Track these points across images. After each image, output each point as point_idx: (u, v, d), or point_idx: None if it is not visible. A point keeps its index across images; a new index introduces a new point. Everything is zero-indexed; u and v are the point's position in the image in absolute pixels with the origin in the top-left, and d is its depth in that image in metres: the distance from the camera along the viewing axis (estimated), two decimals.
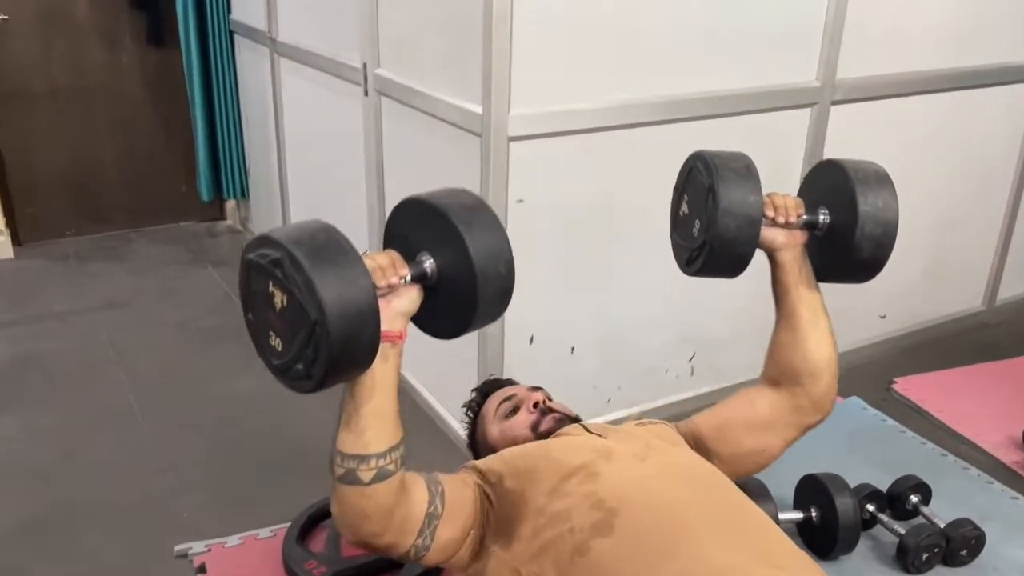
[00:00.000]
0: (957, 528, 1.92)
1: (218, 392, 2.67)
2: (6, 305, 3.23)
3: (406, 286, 1.28)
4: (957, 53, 2.71)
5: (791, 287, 1.60)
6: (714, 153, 1.55)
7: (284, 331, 1.17)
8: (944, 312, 3.13)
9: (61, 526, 2.06)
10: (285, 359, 1.19)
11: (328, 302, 1.10)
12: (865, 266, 1.56)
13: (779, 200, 1.57)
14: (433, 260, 1.28)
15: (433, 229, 1.28)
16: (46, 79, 3.65)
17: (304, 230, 1.17)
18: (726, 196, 1.47)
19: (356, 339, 1.14)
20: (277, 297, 1.16)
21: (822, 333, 1.61)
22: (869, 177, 1.54)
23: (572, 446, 1.48)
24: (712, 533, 1.29)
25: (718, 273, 1.57)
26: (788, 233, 1.58)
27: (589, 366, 2.37)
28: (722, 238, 1.48)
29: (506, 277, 1.29)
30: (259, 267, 1.17)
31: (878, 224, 1.51)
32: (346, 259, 1.15)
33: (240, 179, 3.90)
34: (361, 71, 2.55)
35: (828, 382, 1.62)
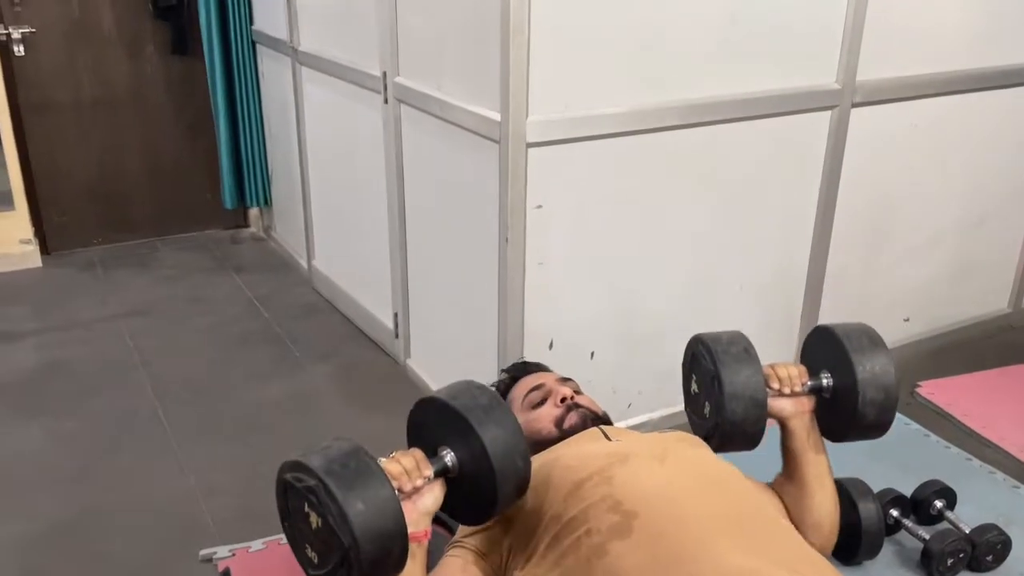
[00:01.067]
0: (983, 533, 1.90)
1: (243, 398, 2.70)
2: (34, 313, 3.29)
3: (429, 483, 1.36)
4: (978, 53, 2.68)
5: (799, 452, 1.66)
6: (713, 337, 1.64)
7: (319, 547, 1.26)
8: (969, 315, 3.10)
9: (87, 530, 2.09)
10: (321, 572, 1.27)
11: (360, 532, 1.19)
12: (872, 427, 1.64)
13: (782, 371, 1.63)
14: (454, 454, 1.37)
15: (453, 426, 1.37)
16: (73, 90, 3.71)
17: (336, 459, 1.24)
18: (730, 383, 1.56)
19: (386, 558, 1.23)
20: (312, 518, 1.24)
21: (826, 494, 1.67)
22: (863, 343, 1.61)
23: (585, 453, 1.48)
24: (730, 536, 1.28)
25: (737, 449, 1.64)
26: (795, 401, 1.64)
27: (609, 371, 2.37)
28: (732, 422, 1.57)
29: (523, 469, 1.38)
30: (295, 489, 1.26)
31: (878, 389, 1.58)
32: (375, 484, 1.23)
33: (263, 187, 3.94)
34: (381, 79, 2.58)
35: (828, 534, 1.69)
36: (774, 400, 1.62)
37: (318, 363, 2.91)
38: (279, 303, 3.38)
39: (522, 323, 2.18)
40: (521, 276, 2.13)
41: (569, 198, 2.14)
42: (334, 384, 2.79)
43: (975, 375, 2.81)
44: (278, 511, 1.33)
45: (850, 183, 2.58)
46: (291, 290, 3.51)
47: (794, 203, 2.53)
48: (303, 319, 3.25)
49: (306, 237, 3.52)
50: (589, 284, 2.26)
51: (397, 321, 2.84)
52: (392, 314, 2.86)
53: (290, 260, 3.78)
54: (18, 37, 3.52)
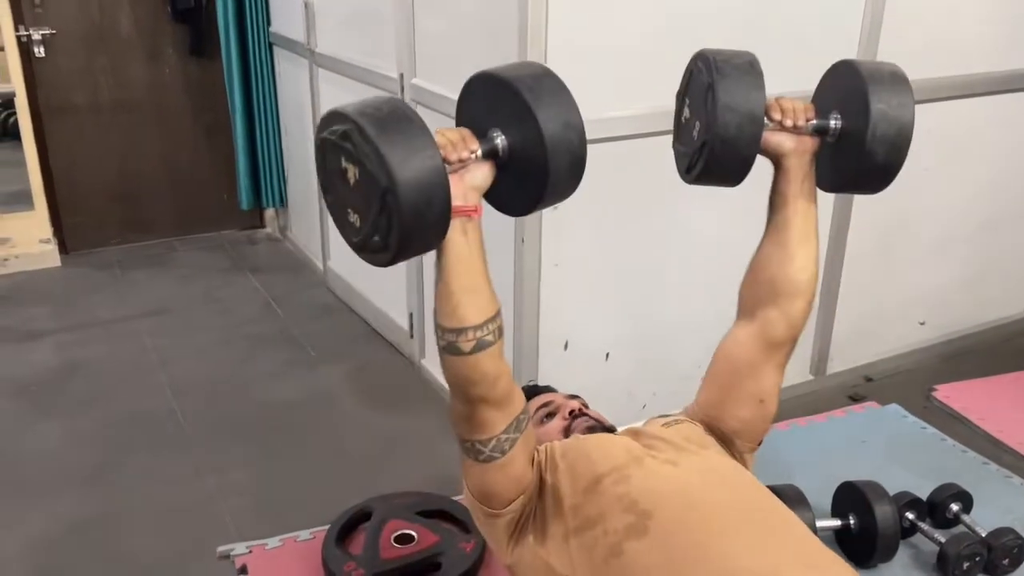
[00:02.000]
0: (999, 537, 1.89)
1: (259, 398, 2.72)
2: (53, 312, 3.32)
3: (477, 162, 1.27)
4: (995, 56, 2.67)
5: (791, 198, 1.53)
6: (716, 50, 1.47)
7: (360, 205, 1.19)
8: (985, 319, 3.09)
9: (106, 528, 2.12)
10: (363, 233, 1.21)
11: (396, 168, 1.12)
12: (878, 171, 1.46)
13: (787, 103, 1.49)
14: (504, 136, 1.28)
15: (502, 104, 1.27)
16: (92, 92, 3.75)
17: (370, 103, 1.18)
18: (726, 92, 1.38)
19: (427, 206, 1.15)
20: (350, 171, 1.18)
21: (810, 252, 1.55)
22: (884, 76, 1.44)
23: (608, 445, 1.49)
24: (745, 536, 1.29)
25: (719, 179, 1.48)
26: (797, 138, 1.50)
27: (624, 372, 2.37)
28: (722, 137, 1.39)
29: (578, 146, 1.27)
30: (331, 144, 1.20)
31: (892, 124, 1.41)
32: (412, 128, 1.16)
33: (279, 188, 3.96)
34: (398, 81, 2.59)
35: (806, 304, 1.56)
36: (774, 133, 1.48)
37: (333, 363, 2.93)
38: (295, 303, 3.40)
39: (537, 324, 2.19)
40: (537, 277, 2.14)
41: (585, 200, 2.14)
42: (349, 384, 2.80)
43: (991, 379, 2.80)
44: (319, 186, 1.27)
45: None
46: (307, 290, 3.53)
47: None
48: (318, 319, 3.27)
49: (322, 238, 3.54)
50: (604, 286, 2.26)
51: (412, 321, 2.85)
52: (407, 314, 2.87)
53: (306, 261, 3.81)
54: (38, 39, 3.56)
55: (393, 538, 1.96)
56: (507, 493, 1.42)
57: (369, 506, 2.06)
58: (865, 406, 2.65)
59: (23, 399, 2.71)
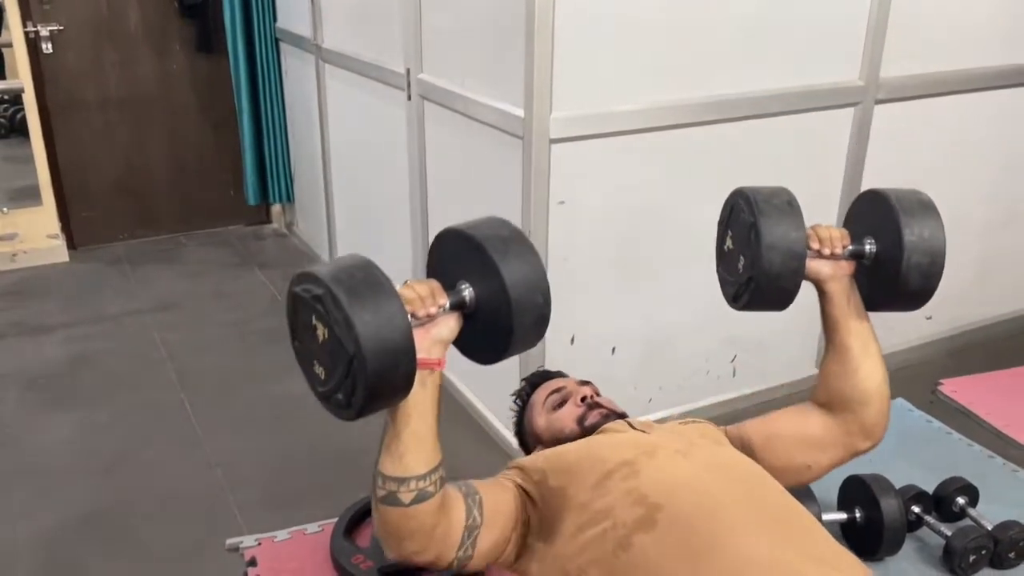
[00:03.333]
0: (1005, 530, 1.90)
1: (268, 391, 2.73)
2: (62, 307, 3.34)
3: (445, 314, 1.33)
4: (1004, 50, 2.67)
5: (840, 319, 1.60)
6: (756, 189, 1.58)
7: (326, 361, 1.24)
8: (992, 313, 3.08)
9: (117, 520, 2.13)
10: (327, 387, 1.26)
11: (364, 339, 1.16)
12: (914, 296, 1.57)
13: (823, 232, 1.57)
14: (472, 289, 1.33)
15: (472, 260, 1.33)
16: (99, 88, 3.76)
17: (344, 268, 1.23)
18: (769, 232, 1.50)
19: (392, 372, 1.20)
20: (319, 330, 1.22)
21: (873, 362, 1.61)
22: (914, 206, 1.53)
23: (615, 443, 1.50)
24: (755, 529, 1.29)
25: (765, 307, 1.58)
26: (834, 264, 1.58)
27: (630, 366, 2.38)
28: (767, 273, 1.50)
29: (542, 306, 1.34)
30: (303, 301, 1.24)
31: (925, 254, 1.51)
32: (383, 296, 1.21)
33: (286, 183, 3.97)
34: (404, 76, 2.60)
35: (879, 408, 1.61)
36: (812, 261, 1.56)
37: None
38: None
39: None
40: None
41: (592, 194, 2.15)
42: None
43: (998, 373, 2.80)
44: (288, 328, 1.31)
45: (873, 181, 2.57)
46: None
47: (816, 200, 2.51)
48: None
49: (328, 233, 3.55)
50: (611, 280, 2.27)
51: None
52: None
53: (312, 256, 3.82)
54: (46, 35, 3.57)
55: None
56: (496, 555, 1.46)
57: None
58: None
59: (33, 392, 2.73)
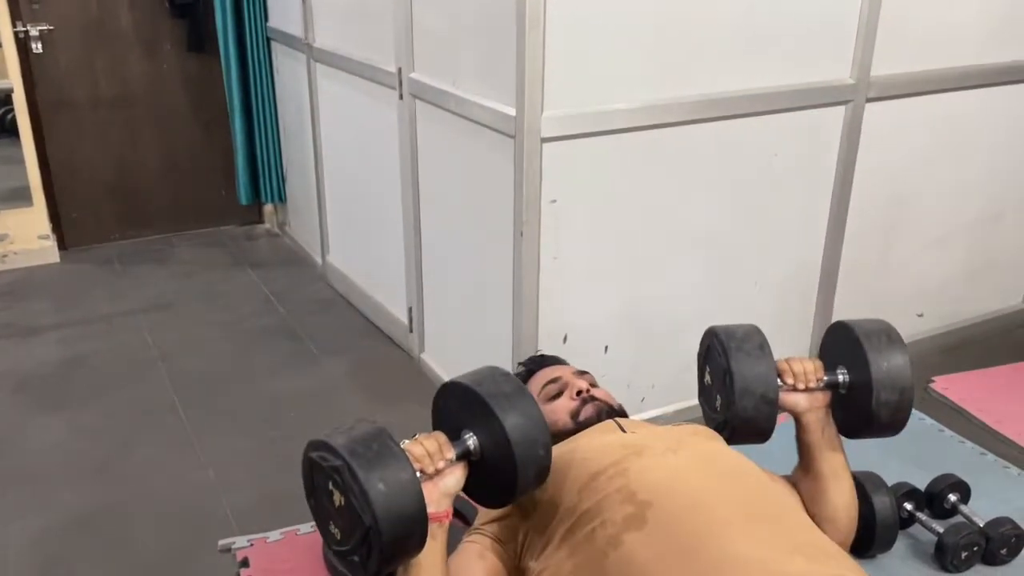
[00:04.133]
0: (997, 527, 1.90)
1: (260, 392, 2.73)
2: (53, 308, 3.32)
3: (451, 466, 1.38)
4: (994, 48, 2.67)
5: (814, 448, 1.65)
6: (728, 332, 1.63)
7: (342, 525, 1.29)
8: (983, 310, 3.09)
9: (108, 521, 2.12)
10: (344, 548, 1.30)
11: (381, 513, 1.22)
12: (887, 428, 1.63)
13: (797, 366, 1.62)
14: (476, 439, 1.39)
15: (476, 412, 1.39)
16: (90, 88, 3.74)
17: (360, 440, 1.27)
18: (741, 379, 1.56)
19: (406, 539, 1.26)
20: (336, 496, 1.27)
21: (842, 487, 1.66)
22: (880, 342, 1.60)
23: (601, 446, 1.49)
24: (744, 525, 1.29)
25: (748, 442, 1.63)
26: (810, 396, 1.63)
27: (623, 365, 2.38)
28: (742, 418, 1.57)
29: (543, 458, 1.39)
30: (321, 467, 1.29)
31: (893, 391, 1.57)
32: (398, 468, 1.26)
33: (277, 183, 3.96)
34: (396, 75, 2.59)
35: (846, 529, 1.68)
36: (788, 394, 1.61)
37: (333, 358, 2.94)
38: (294, 298, 3.40)
39: (536, 317, 2.19)
40: (536, 270, 2.14)
41: (584, 193, 2.15)
42: (349, 378, 2.81)
43: (989, 370, 2.81)
44: (304, 487, 1.36)
45: (864, 178, 2.58)
46: (306, 285, 3.53)
47: (808, 198, 2.53)
48: (318, 314, 3.27)
49: (321, 233, 3.54)
50: (603, 278, 2.27)
51: (412, 316, 2.86)
52: (407, 309, 2.88)
53: (305, 256, 3.81)
54: (36, 35, 3.55)
55: None
56: None
57: None
58: None
59: (25, 393, 2.72)
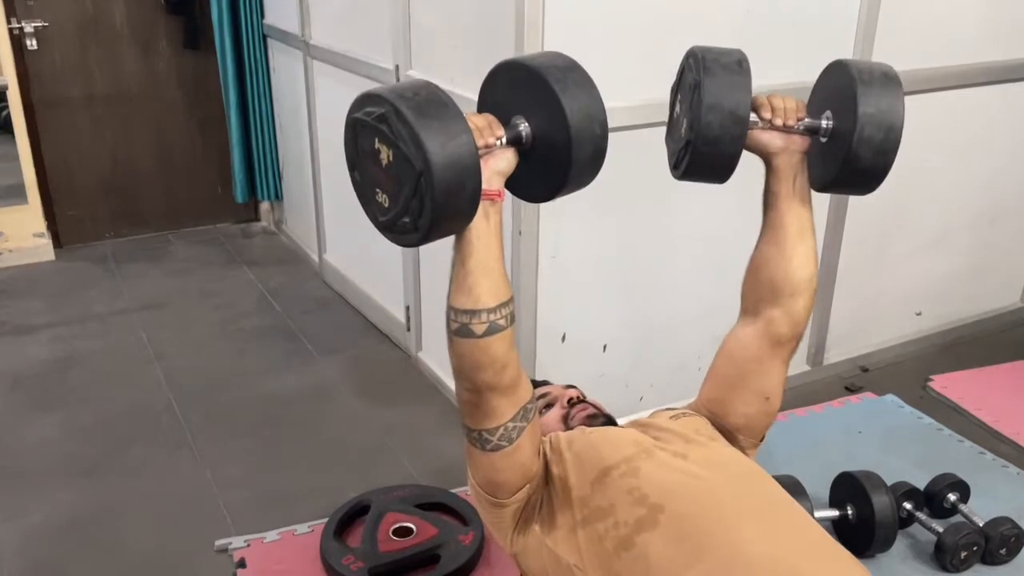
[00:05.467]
0: (996, 526, 1.90)
1: (256, 391, 2.71)
2: (48, 306, 3.31)
3: (502, 148, 1.30)
4: (994, 47, 2.67)
5: (783, 197, 1.52)
6: (707, 48, 1.47)
7: (390, 186, 1.21)
8: (982, 309, 3.09)
9: (104, 522, 2.11)
10: (392, 214, 1.23)
11: (433, 153, 1.13)
12: (865, 174, 1.45)
13: (778, 101, 1.48)
14: (528, 124, 1.30)
15: (528, 92, 1.28)
16: (85, 85, 3.72)
17: (407, 87, 1.20)
18: (711, 92, 1.38)
19: (460, 190, 1.18)
20: (384, 152, 1.19)
21: (807, 250, 1.53)
22: (874, 78, 1.42)
23: (615, 438, 1.49)
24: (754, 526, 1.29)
25: (704, 176, 1.48)
26: (787, 137, 1.49)
27: (621, 364, 2.37)
28: (705, 137, 1.39)
29: (600, 138, 1.30)
30: (365, 124, 1.21)
31: (879, 128, 1.39)
32: (448, 113, 1.18)
33: (274, 181, 3.95)
34: (393, 73, 2.58)
35: (807, 302, 1.54)
36: (763, 132, 1.48)
37: (330, 356, 2.92)
38: (291, 297, 3.39)
39: (535, 316, 2.18)
40: (534, 269, 2.13)
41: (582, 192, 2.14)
42: (346, 377, 2.80)
43: (988, 369, 2.81)
44: (346, 161, 1.28)
45: None
46: (303, 284, 3.52)
47: None
48: (315, 313, 3.26)
49: (317, 231, 3.53)
50: (602, 278, 2.26)
51: (409, 314, 2.85)
52: (404, 307, 2.87)
53: (301, 254, 3.80)
54: (31, 31, 3.53)
55: (392, 531, 1.97)
56: (514, 482, 1.43)
57: (367, 499, 2.06)
58: (862, 396, 2.66)
59: (19, 392, 2.70)
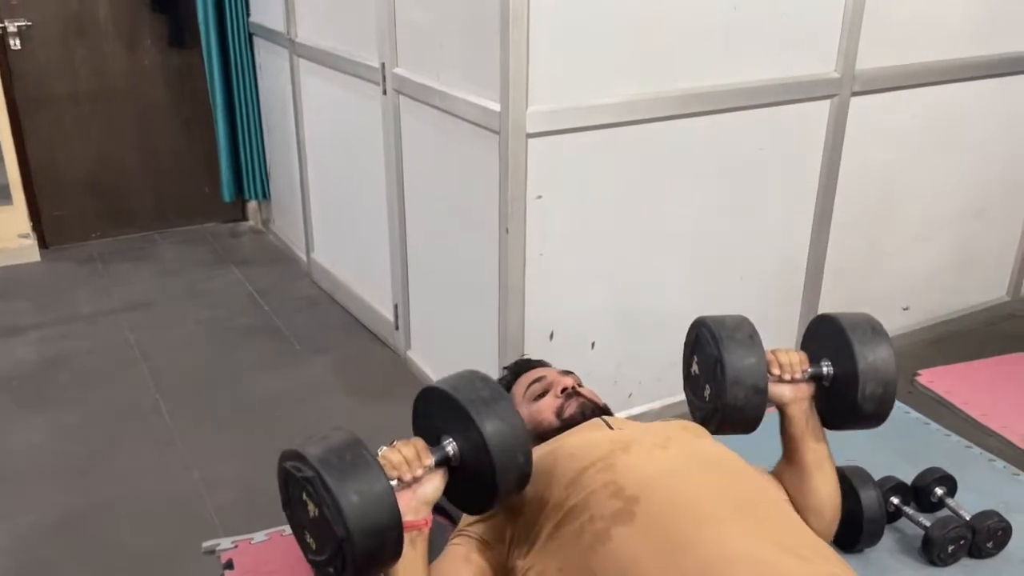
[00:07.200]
0: (983, 520, 1.91)
1: (244, 391, 2.70)
2: (34, 307, 3.28)
3: (430, 473, 1.37)
4: (978, 41, 2.68)
5: (798, 439, 1.66)
6: (718, 322, 1.65)
7: (317, 535, 1.28)
8: (968, 303, 3.11)
9: (91, 523, 2.10)
10: (319, 559, 1.30)
11: (354, 524, 1.20)
12: (871, 419, 1.64)
13: (783, 357, 1.64)
14: (456, 444, 1.38)
15: (455, 417, 1.37)
16: (70, 83, 3.70)
17: (333, 450, 1.26)
18: (732, 368, 1.58)
19: (380, 550, 1.25)
20: (310, 507, 1.26)
21: (825, 477, 1.67)
22: (866, 334, 1.62)
23: (587, 442, 1.49)
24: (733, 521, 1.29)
25: (735, 432, 1.65)
26: (794, 387, 1.64)
27: (610, 361, 2.37)
28: (732, 407, 1.59)
29: (524, 465, 1.38)
30: (294, 478, 1.28)
31: (878, 383, 1.59)
32: (371, 478, 1.24)
33: (261, 180, 3.93)
34: (379, 70, 2.57)
35: (830, 519, 1.69)
36: (774, 386, 1.62)
37: (318, 355, 2.91)
38: (279, 296, 3.38)
39: (523, 314, 2.18)
40: (522, 267, 2.13)
41: (569, 188, 2.14)
42: (335, 376, 2.79)
43: (975, 363, 2.82)
44: (280, 497, 1.35)
45: (850, 172, 2.58)
46: (291, 283, 3.51)
47: (794, 192, 2.53)
48: (303, 312, 3.25)
49: (305, 230, 3.52)
50: (590, 274, 2.26)
51: (397, 313, 2.84)
52: (392, 306, 2.86)
53: (289, 253, 3.78)
54: (14, 31, 3.50)
55: None
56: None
57: None
58: None
59: (5, 394, 2.68)
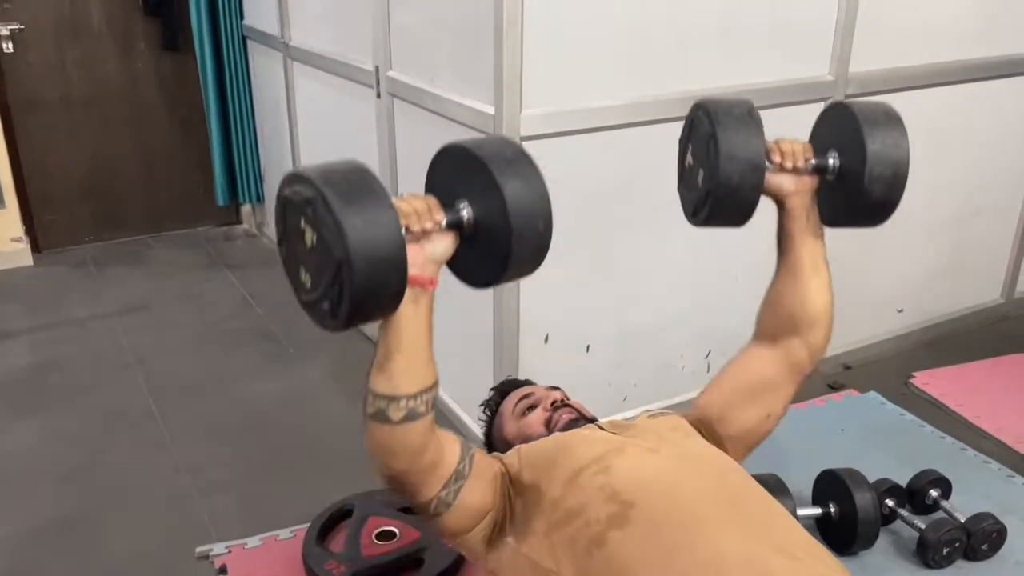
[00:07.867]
0: (978, 522, 1.91)
1: (238, 395, 2.69)
2: (27, 311, 3.27)
3: (440, 232, 1.26)
4: (972, 44, 2.69)
5: (796, 235, 1.58)
6: (716, 100, 1.52)
7: (313, 268, 1.19)
8: (962, 305, 3.11)
9: (83, 528, 2.09)
10: (313, 295, 1.21)
11: (354, 244, 1.10)
12: (876, 208, 1.53)
13: (786, 145, 1.54)
14: (471, 209, 1.27)
15: (473, 178, 1.26)
16: (63, 87, 3.69)
17: (337, 170, 1.17)
18: (727, 142, 1.45)
19: (381, 285, 1.15)
20: (308, 234, 1.17)
21: (822, 282, 1.60)
22: (878, 117, 1.50)
23: (586, 440, 1.49)
24: (727, 523, 1.29)
25: (725, 222, 1.53)
26: (797, 179, 1.55)
27: (605, 364, 2.37)
28: (726, 185, 1.46)
29: (543, 234, 1.28)
30: (292, 203, 1.19)
31: (888, 165, 1.47)
32: (377, 203, 1.14)
33: (255, 183, 3.92)
34: (373, 74, 2.57)
35: (826, 331, 1.62)
36: (774, 175, 1.53)
37: (312, 359, 2.91)
38: (273, 299, 3.37)
39: (518, 317, 2.18)
40: None
41: (564, 191, 2.12)
42: (328, 379, 2.78)
43: (969, 365, 2.82)
44: (276, 234, 1.27)
45: None
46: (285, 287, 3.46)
47: None
48: (297, 315, 3.20)
49: None
50: (585, 277, 2.26)
51: None
52: None
53: None
54: (7, 34, 3.49)
55: (375, 535, 1.95)
56: (470, 525, 1.42)
57: (350, 503, 2.05)
58: (844, 394, 2.67)
59: None
